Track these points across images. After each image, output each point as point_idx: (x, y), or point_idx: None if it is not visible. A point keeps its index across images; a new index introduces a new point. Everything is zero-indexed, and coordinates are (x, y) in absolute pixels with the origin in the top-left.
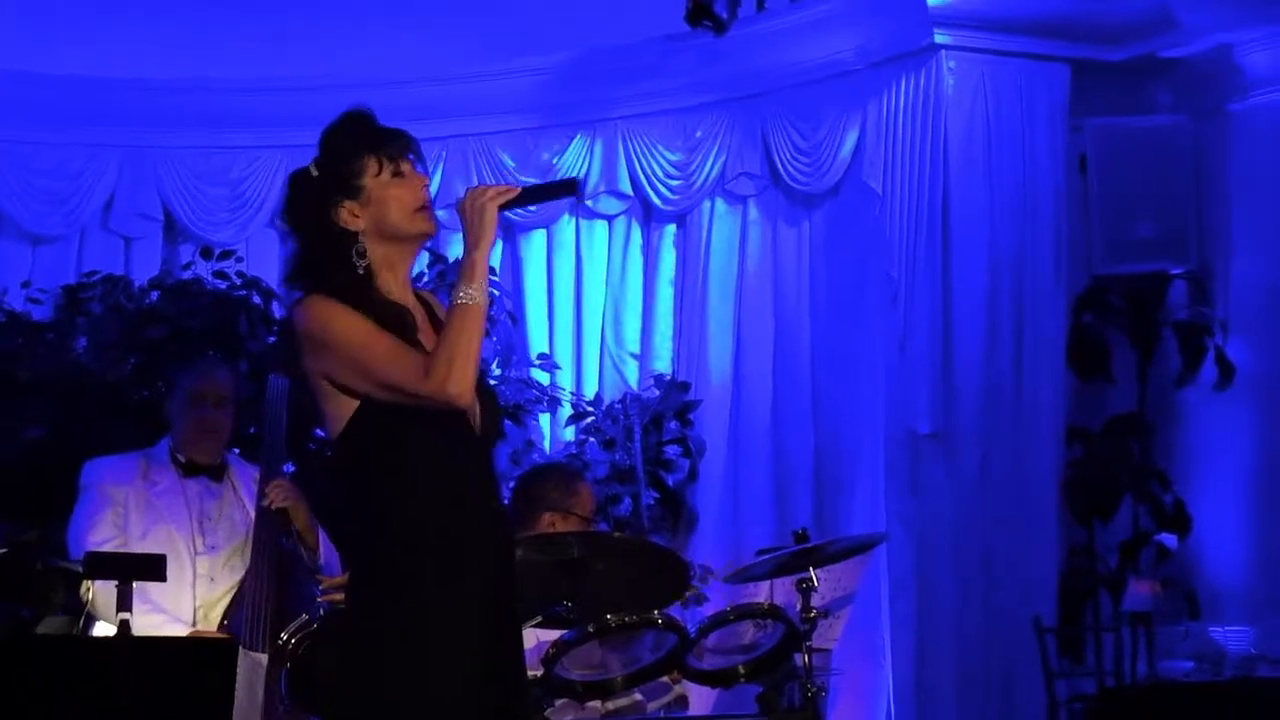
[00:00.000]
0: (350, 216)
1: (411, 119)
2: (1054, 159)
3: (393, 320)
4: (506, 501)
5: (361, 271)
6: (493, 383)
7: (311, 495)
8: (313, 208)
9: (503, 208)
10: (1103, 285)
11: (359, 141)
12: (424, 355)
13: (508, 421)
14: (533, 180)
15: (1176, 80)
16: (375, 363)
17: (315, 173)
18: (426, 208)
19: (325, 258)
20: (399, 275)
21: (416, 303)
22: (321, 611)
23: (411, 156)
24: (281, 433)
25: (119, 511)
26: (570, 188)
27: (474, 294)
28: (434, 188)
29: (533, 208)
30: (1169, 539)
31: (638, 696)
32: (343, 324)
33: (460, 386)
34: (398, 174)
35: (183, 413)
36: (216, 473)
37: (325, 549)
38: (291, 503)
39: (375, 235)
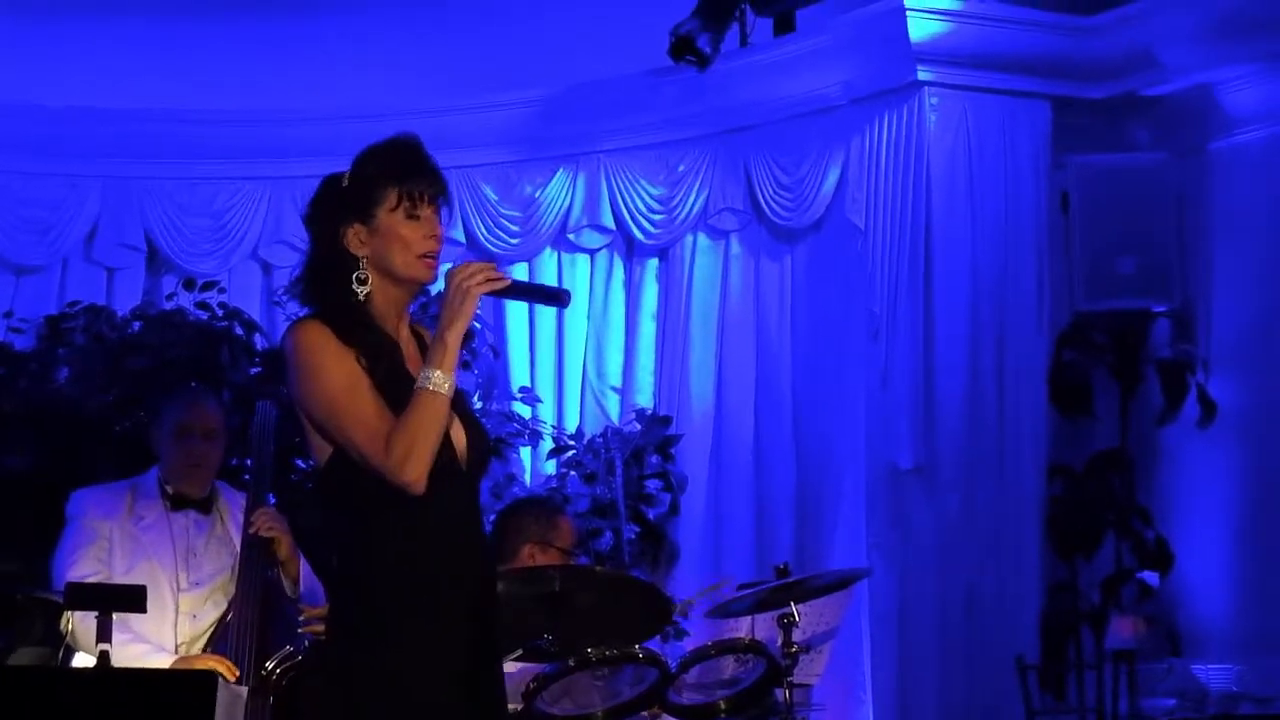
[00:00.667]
0: (356, 240)
1: None
2: (1036, 195)
3: (379, 353)
4: (488, 535)
5: (361, 298)
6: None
7: (293, 525)
8: (327, 219)
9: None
10: (1085, 322)
11: (388, 170)
12: (391, 425)
13: None
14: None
15: (1158, 118)
16: (345, 421)
17: (344, 184)
18: (429, 256)
19: (326, 273)
20: (394, 310)
21: (410, 336)
22: (306, 643)
23: (439, 201)
24: (268, 462)
25: (103, 545)
26: (559, 298)
27: (439, 379)
28: None
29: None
30: (1151, 576)
31: None
32: (329, 369)
33: (415, 474)
34: (413, 215)
35: (170, 445)
36: (205, 505)
37: (307, 579)
38: (276, 532)
39: (374, 266)
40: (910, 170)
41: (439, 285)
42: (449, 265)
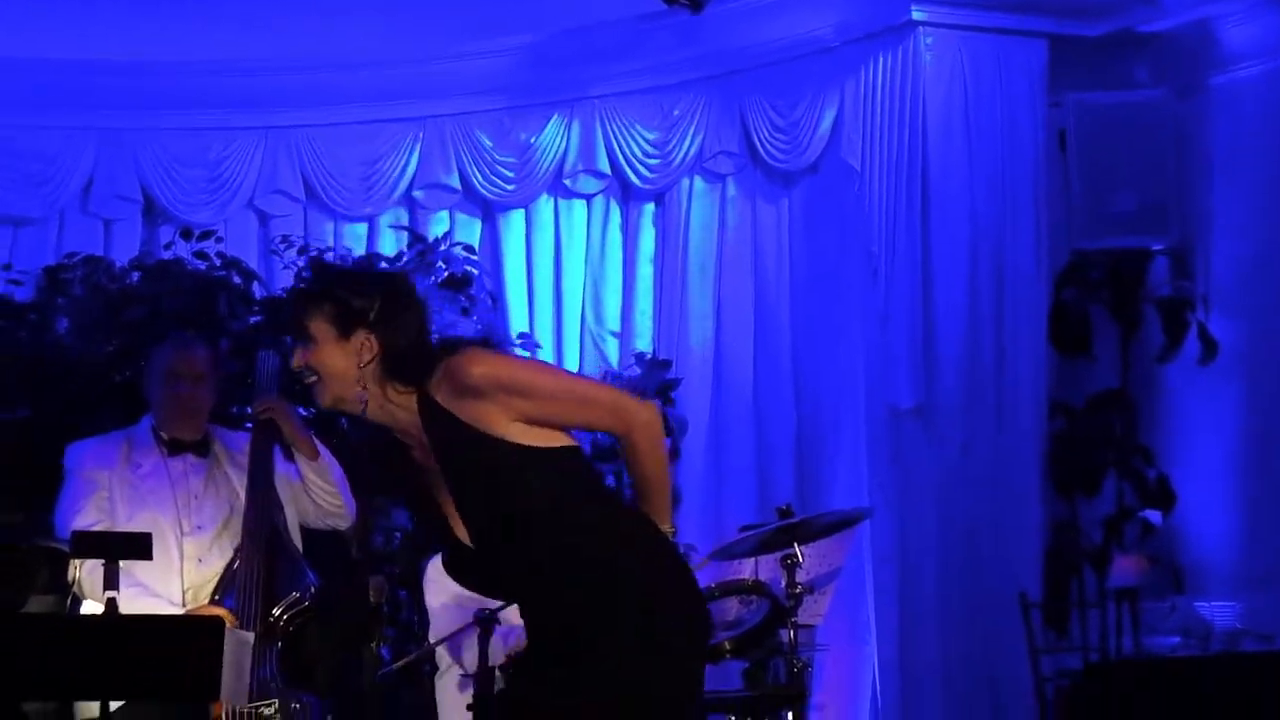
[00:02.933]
0: None
1: (388, 100)
2: (1033, 134)
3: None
4: None
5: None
6: None
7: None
8: None
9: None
10: (1084, 260)
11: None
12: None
13: None
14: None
15: (1156, 55)
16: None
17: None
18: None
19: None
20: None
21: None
22: (311, 589)
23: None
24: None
25: (104, 495)
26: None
27: None
28: (411, 169)
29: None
30: (1153, 515)
31: None
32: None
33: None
34: None
35: (159, 390)
36: (201, 448)
37: (325, 454)
38: (280, 412)
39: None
40: (906, 110)
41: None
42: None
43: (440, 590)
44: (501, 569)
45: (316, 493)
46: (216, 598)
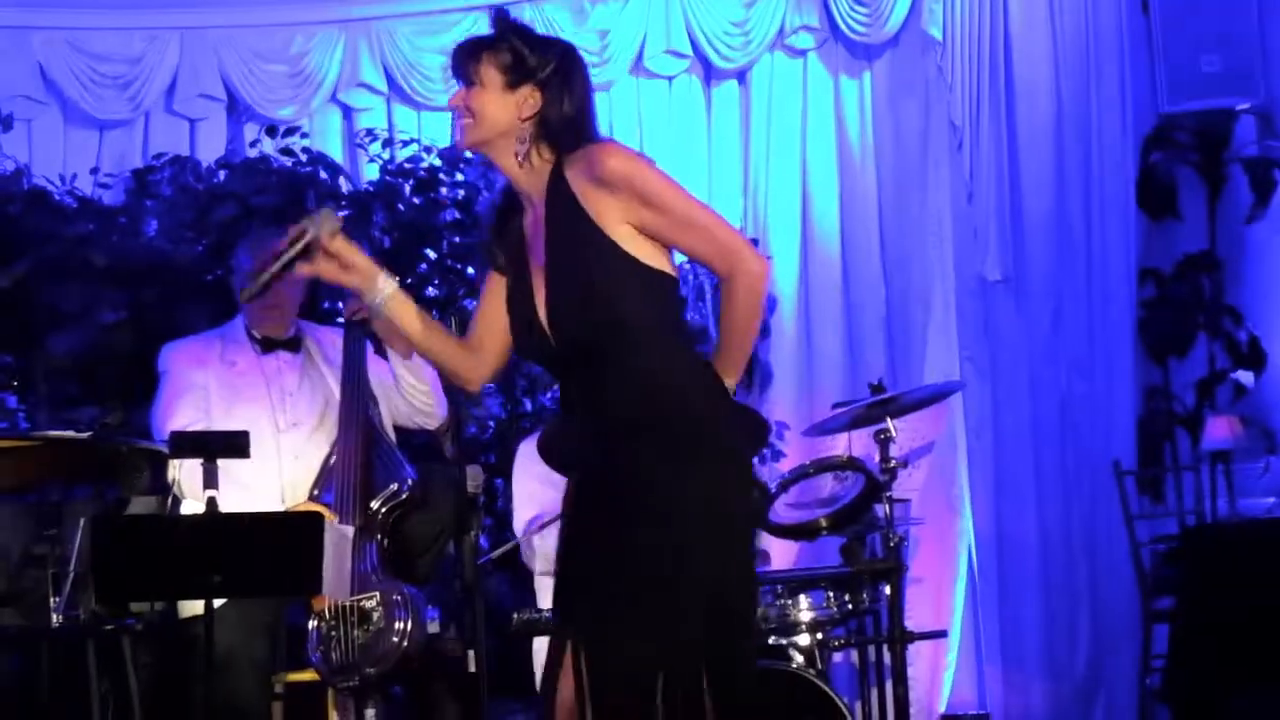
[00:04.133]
0: None
1: None
2: None
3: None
4: None
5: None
6: None
7: None
8: None
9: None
10: (1169, 123)
11: None
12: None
13: None
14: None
15: None
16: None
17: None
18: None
19: None
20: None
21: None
22: (409, 481)
23: (459, 79)
24: None
25: (200, 394)
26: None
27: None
28: None
29: None
30: (1245, 376)
31: None
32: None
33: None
34: None
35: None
36: (293, 345)
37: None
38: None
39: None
40: None
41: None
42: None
43: (527, 476)
44: (574, 378)
45: (409, 390)
46: (315, 493)
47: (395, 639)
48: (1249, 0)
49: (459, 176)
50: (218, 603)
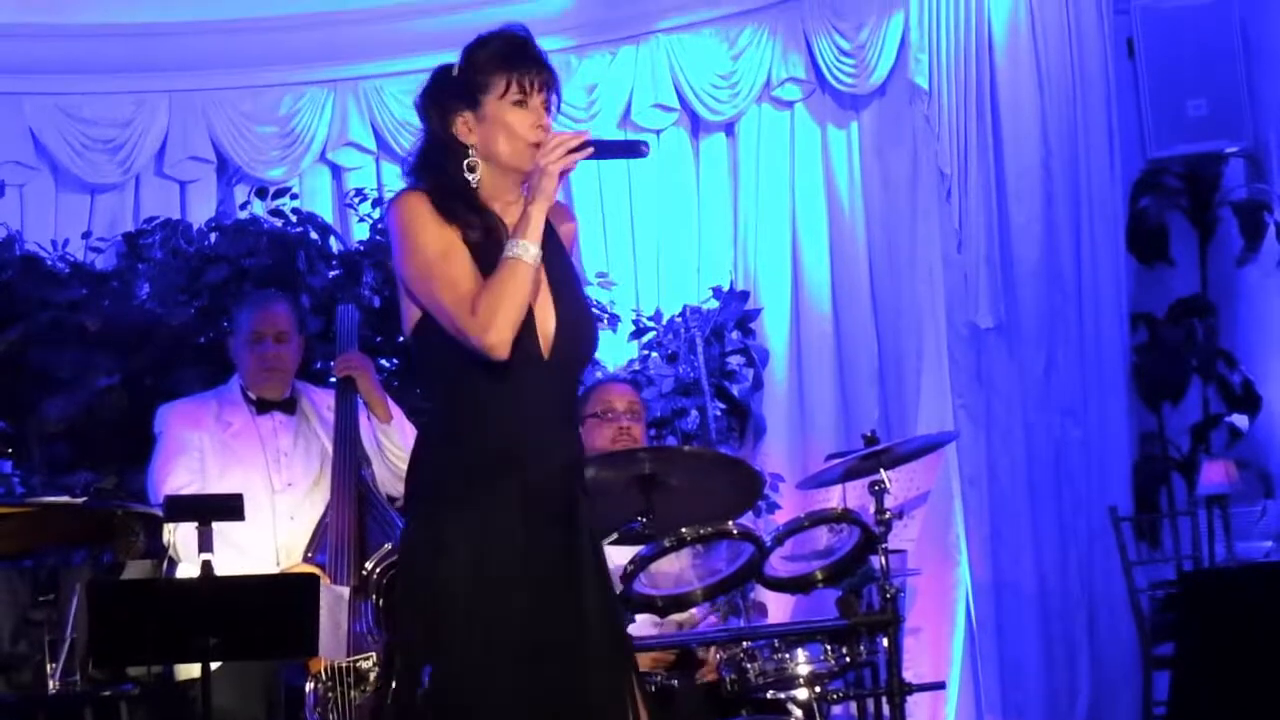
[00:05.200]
0: (465, 129)
1: (456, 44)
2: (1101, 43)
3: (480, 230)
4: None
5: (474, 185)
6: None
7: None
8: (437, 107)
9: (565, 173)
10: (1158, 167)
11: (496, 57)
12: (478, 290)
13: None
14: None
15: None
16: (437, 284)
17: (455, 73)
18: (536, 145)
19: (437, 159)
20: (504, 193)
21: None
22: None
23: (546, 93)
24: None
25: (195, 456)
26: (638, 150)
27: (522, 248)
28: None
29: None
30: (1239, 419)
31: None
32: (426, 233)
33: (499, 336)
34: (520, 102)
35: (245, 351)
36: (289, 406)
37: (399, 418)
38: (353, 369)
39: (482, 154)
40: (972, 26)
41: None
42: None
43: None
44: (542, 390)
45: (391, 455)
46: (309, 555)
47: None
48: (1234, 44)
49: None
50: (214, 665)
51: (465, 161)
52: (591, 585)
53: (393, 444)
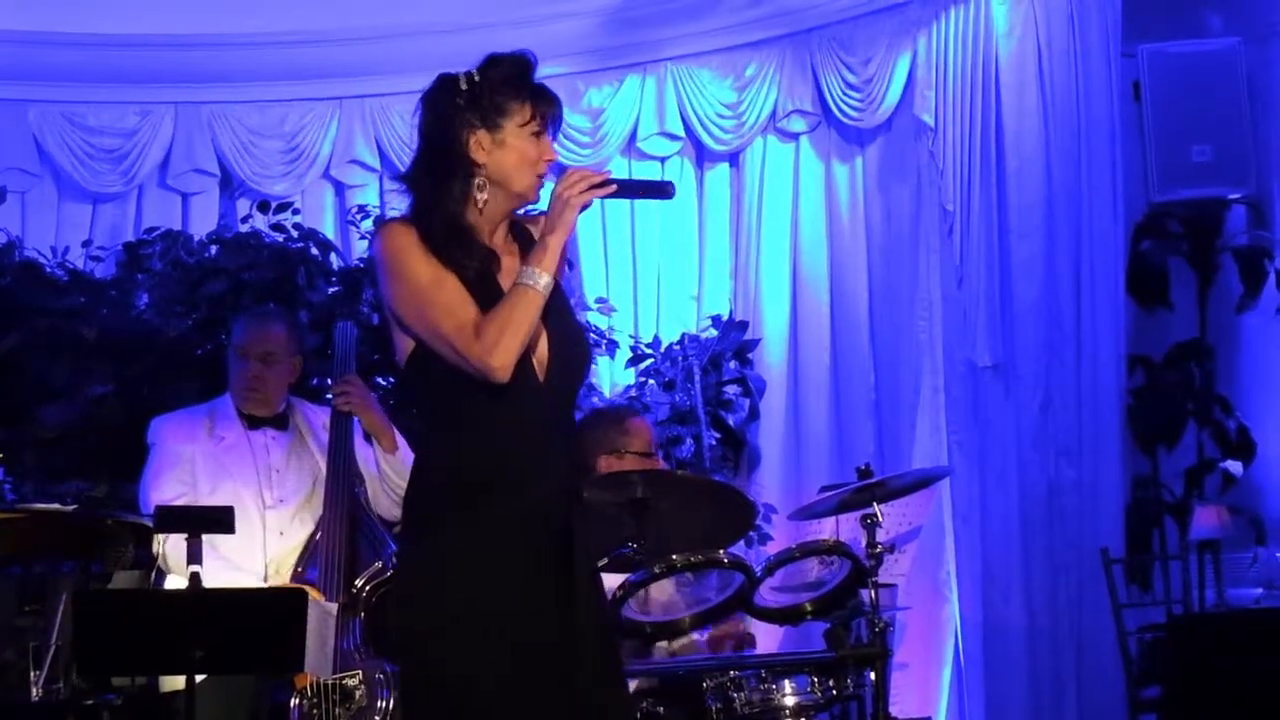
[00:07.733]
0: (479, 148)
1: (462, 65)
2: (1107, 86)
3: (470, 260)
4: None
5: (480, 206)
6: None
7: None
8: (448, 120)
9: (584, 207)
10: (1160, 211)
11: (524, 84)
12: (478, 316)
13: None
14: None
15: (1229, 3)
16: (434, 312)
17: (466, 86)
18: (541, 177)
19: (443, 173)
20: (496, 219)
21: (507, 242)
22: (394, 560)
23: (555, 127)
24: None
25: (186, 469)
26: (664, 190)
27: (537, 276)
28: None
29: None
30: (1234, 465)
31: (696, 636)
32: (416, 263)
33: (503, 360)
34: (537, 134)
35: (232, 366)
36: (280, 422)
37: (403, 448)
38: (352, 404)
39: (493, 177)
40: (979, 64)
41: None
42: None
43: None
44: (561, 412)
45: (392, 485)
46: (299, 570)
47: (377, 717)
48: (1240, 90)
49: None
50: (199, 678)
51: (475, 181)
52: (587, 605)
53: (395, 473)
